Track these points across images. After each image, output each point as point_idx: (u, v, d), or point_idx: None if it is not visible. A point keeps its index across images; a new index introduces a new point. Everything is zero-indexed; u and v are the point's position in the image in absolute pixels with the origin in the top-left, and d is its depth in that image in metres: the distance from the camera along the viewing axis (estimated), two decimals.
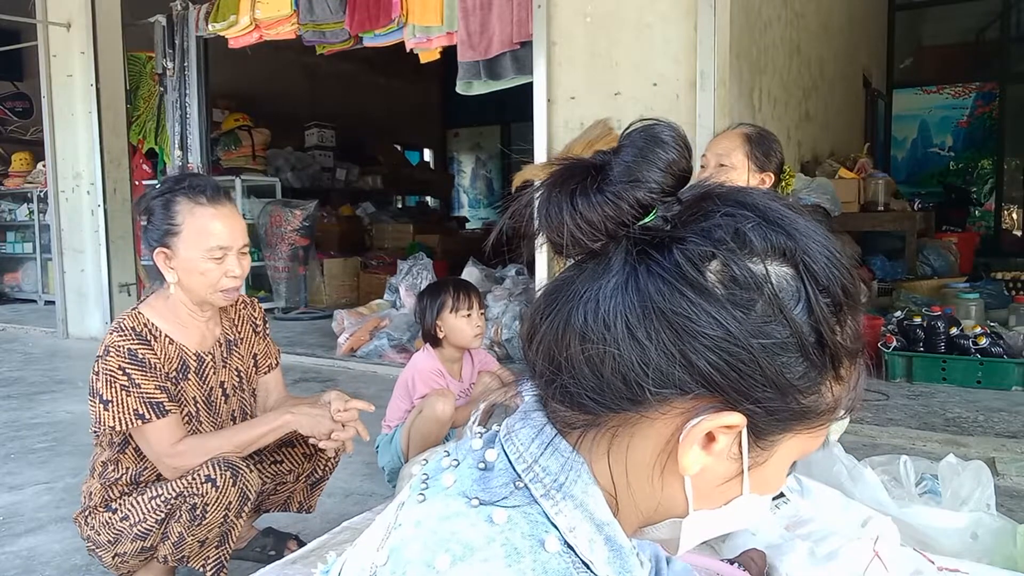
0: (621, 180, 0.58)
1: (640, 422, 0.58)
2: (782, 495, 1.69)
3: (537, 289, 0.57)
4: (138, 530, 1.69)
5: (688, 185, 0.61)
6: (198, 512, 1.64)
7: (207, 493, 1.63)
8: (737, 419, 0.56)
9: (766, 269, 0.55)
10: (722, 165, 2.21)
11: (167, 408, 1.68)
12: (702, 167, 2.30)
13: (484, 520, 0.58)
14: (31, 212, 7.97)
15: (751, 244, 0.55)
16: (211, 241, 1.70)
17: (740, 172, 2.20)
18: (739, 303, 0.54)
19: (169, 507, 1.67)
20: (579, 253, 0.60)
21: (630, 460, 0.60)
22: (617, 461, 0.60)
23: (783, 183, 2.29)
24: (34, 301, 7.98)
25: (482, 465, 0.62)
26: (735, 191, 0.59)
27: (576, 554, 0.58)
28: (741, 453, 0.59)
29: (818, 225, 0.58)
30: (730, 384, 0.55)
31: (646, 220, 0.58)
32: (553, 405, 0.62)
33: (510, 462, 0.61)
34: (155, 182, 6.32)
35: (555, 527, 0.58)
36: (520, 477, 0.60)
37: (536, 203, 0.61)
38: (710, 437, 0.57)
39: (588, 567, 0.58)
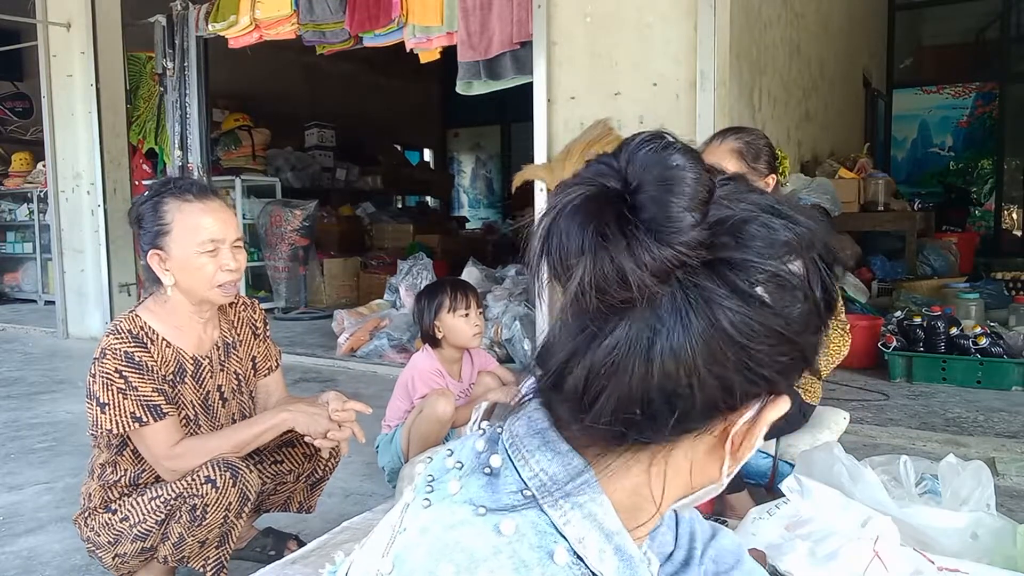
0: (665, 224, 0.54)
1: (692, 437, 0.59)
2: (782, 495, 1.69)
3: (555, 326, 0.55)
4: (138, 531, 1.69)
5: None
6: (198, 513, 1.64)
7: (207, 494, 1.63)
8: (784, 403, 0.60)
9: (802, 266, 0.57)
10: None
11: (164, 411, 1.68)
12: None
13: (491, 530, 0.57)
14: (31, 212, 7.97)
15: (782, 245, 0.57)
16: (201, 235, 1.70)
17: None
18: (788, 304, 0.56)
19: (169, 508, 1.67)
20: (600, 299, 0.55)
21: (676, 468, 0.61)
22: (657, 475, 0.61)
23: (780, 169, 2.26)
24: (34, 301, 7.98)
25: (487, 471, 0.62)
26: (749, 195, 0.59)
27: (586, 565, 0.57)
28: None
29: (812, 211, 0.60)
30: (783, 377, 0.58)
31: (695, 261, 0.55)
32: (575, 426, 0.60)
33: (515, 469, 0.60)
34: (155, 182, 6.32)
35: (564, 537, 0.57)
36: (527, 485, 0.59)
37: (545, 234, 0.57)
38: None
39: None
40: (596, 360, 0.56)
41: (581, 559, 0.57)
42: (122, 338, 1.69)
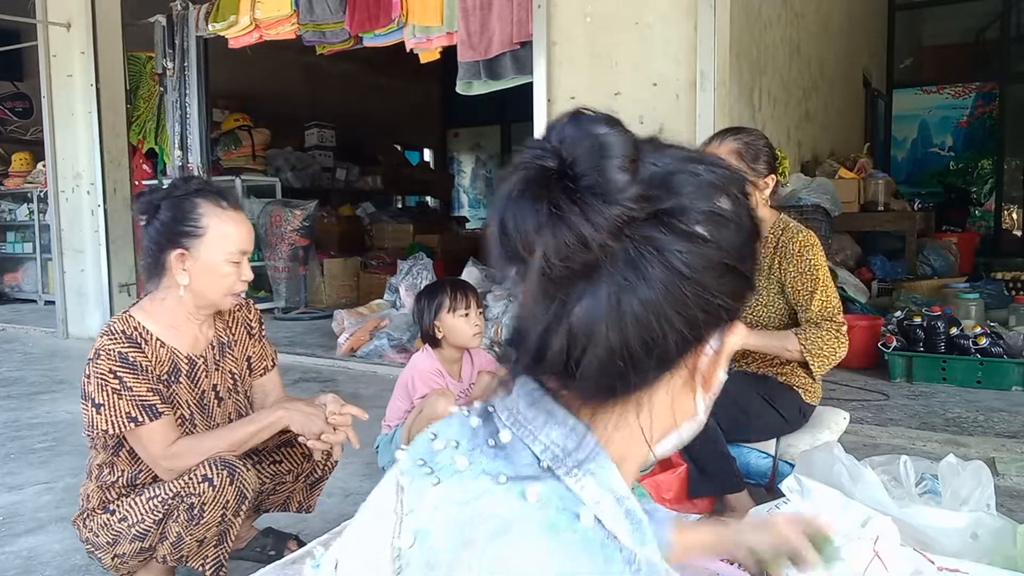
0: (605, 186, 0.60)
1: (671, 373, 0.65)
2: (782, 495, 1.69)
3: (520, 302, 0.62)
4: (136, 531, 1.69)
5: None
6: (196, 512, 1.64)
7: (204, 492, 1.63)
8: (740, 327, 0.67)
9: (725, 202, 0.64)
10: None
11: (160, 410, 1.68)
12: None
13: (516, 496, 0.60)
14: (31, 212, 7.97)
15: (709, 187, 0.63)
16: (233, 245, 1.73)
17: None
18: (725, 237, 0.62)
19: (167, 507, 1.67)
20: (565, 267, 0.59)
21: (660, 409, 0.67)
22: (645, 416, 0.66)
23: (780, 169, 2.27)
24: (34, 301, 7.99)
25: (493, 443, 0.65)
26: (668, 151, 0.66)
27: (603, 527, 0.60)
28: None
29: (721, 161, 0.67)
30: (734, 302, 0.65)
31: (640, 214, 0.60)
32: (565, 392, 0.64)
33: (525, 444, 0.64)
34: (155, 182, 6.32)
35: (583, 502, 0.60)
36: (540, 458, 0.62)
37: (499, 222, 0.62)
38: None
39: (615, 538, 0.60)
40: (573, 325, 0.60)
41: (599, 521, 0.60)
42: (116, 339, 1.68)
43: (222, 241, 1.71)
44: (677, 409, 0.68)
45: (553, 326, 0.61)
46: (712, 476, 2.07)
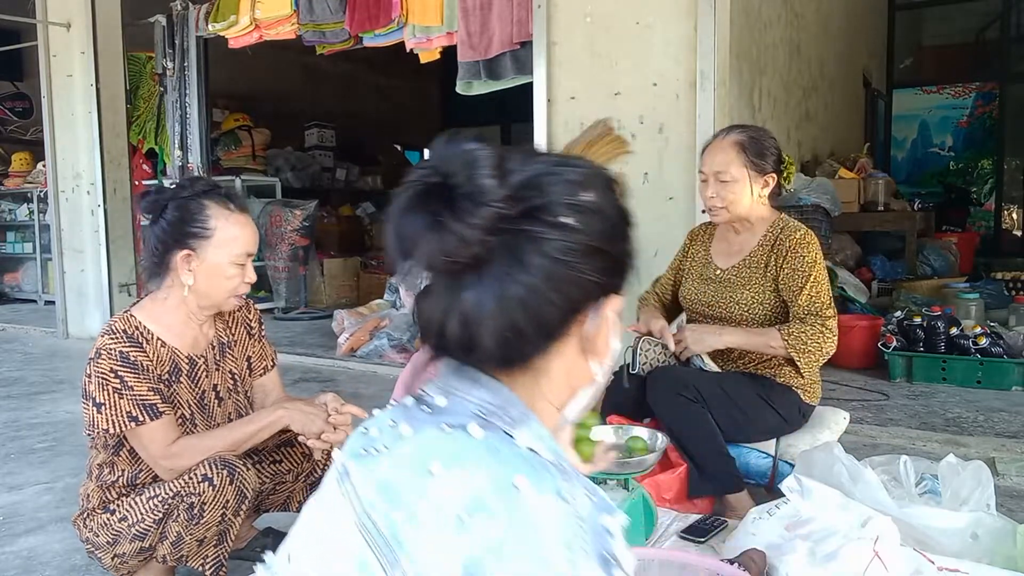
0: (476, 193, 0.70)
1: (559, 343, 0.76)
2: (782, 495, 1.69)
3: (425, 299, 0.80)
4: (136, 530, 1.69)
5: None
6: (196, 511, 1.64)
7: (204, 492, 1.63)
8: (618, 300, 0.79)
9: (591, 195, 0.75)
10: (723, 181, 2.17)
11: (160, 410, 1.68)
12: (703, 181, 2.23)
13: (462, 434, 0.71)
14: (31, 212, 7.97)
15: (574, 184, 0.74)
16: (239, 247, 1.74)
17: (742, 183, 2.16)
18: (591, 224, 0.74)
19: (167, 507, 1.67)
20: (449, 266, 0.71)
21: (558, 375, 0.78)
22: (557, 376, 0.78)
23: (785, 173, 2.26)
24: (34, 301, 7.99)
25: (429, 409, 0.76)
26: (538, 158, 0.77)
27: (538, 455, 0.72)
28: (613, 319, 0.80)
29: (591, 163, 0.79)
30: (608, 281, 0.77)
31: (510, 211, 0.71)
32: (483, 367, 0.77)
33: (461, 401, 0.75)
34: (155, 182, 6.32)
35: (531, 450, 0.72)
36: (477, 412, 0.74)
37: (394, 229, 0.73)
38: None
39: (567, 473, 0.71)
40: (466, 309, 0.72)
41: (548, 459, 0.72)
42: (117, 338, 1.69)
43: (229, 243, 1.72)
44: (574, 375, 0.80)
45: (449, 312, 0.73)
46: (712, 476, 2.07)
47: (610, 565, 0.68)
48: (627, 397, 2.23)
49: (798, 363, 2.11)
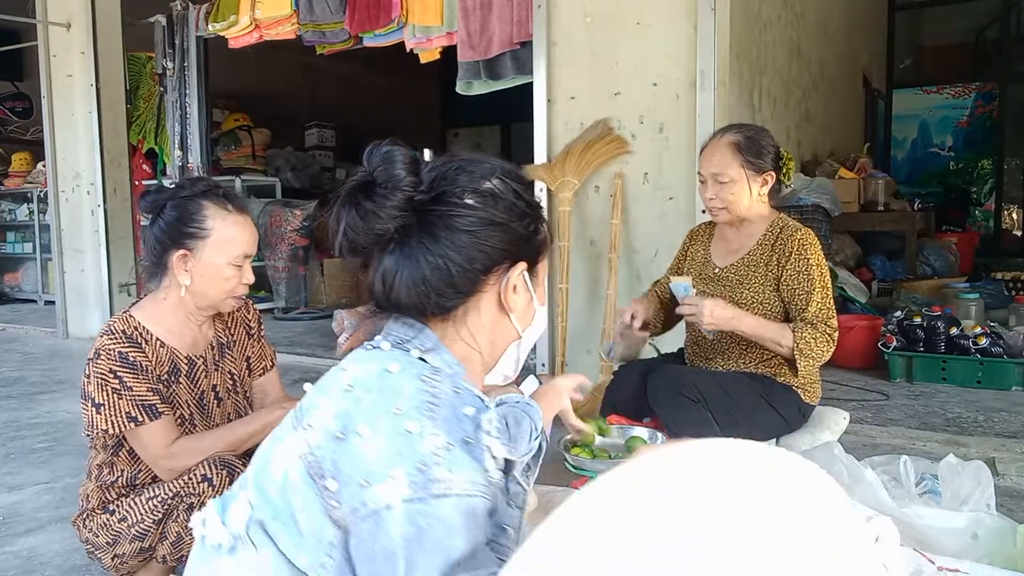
0: (391, 182, 0.94)
1: (473, 300, 0.99)
2: None
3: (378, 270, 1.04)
4: (136, 531, 1.69)
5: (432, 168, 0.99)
6: (195, 511, 1.64)
7: (204, 492, 1.63)
8: (523, 265, 1.01)
9: (491, 183, 0.98)
10: (721, 182, 2.16)
11: (160, 410, 1.68)
12: (701, 183, 2.23)
13: (376, 350, 0.97)
14: (31, 212, 7.97)
15: (475, 174, 0.98)
16: (237, 249, 1.73)
17: (741, 183, 2.16)
18: (490, 204, 0.97)
19: (166, 507, 1.67)
20: (376, 241, 0.96)
21: (475, 325, 1.01)
22: (474, 328, 1.01)
23: (784, 170, 2.26)
24: (34, 301, 7.99)
25: (370, 345, 1.00)
26: (452, 158, 1.00)
27: (435, 367, 0.94)
28: (527, 284, 1.03)
29: (499, 161, 1.02)
30: (511, 249, 0.99)
31: (417, 193, 0.95)
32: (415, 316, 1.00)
33: (388, 340, 0.98)
34: (155, 182, 6.32)
35: (421, 359, 0.95)
36: (392, 343, 0.98)
37: (334, 221, 0.96)
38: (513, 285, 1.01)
39: (441, 372, 0.94)
40: (386, 266, 0.98)
41: (432, 364, 0.95)
42: (116, 338, 1.69)
43: (226, 244, 1.71)
44: (497, 328, 1.03)
45: (375, 273, 0.99)
46: None
47: (472, 448, 0.86)
48: (627, 397, 2.23)
49: (799, 364, 2.10)
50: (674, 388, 2.07)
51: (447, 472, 0.82)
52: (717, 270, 2.29)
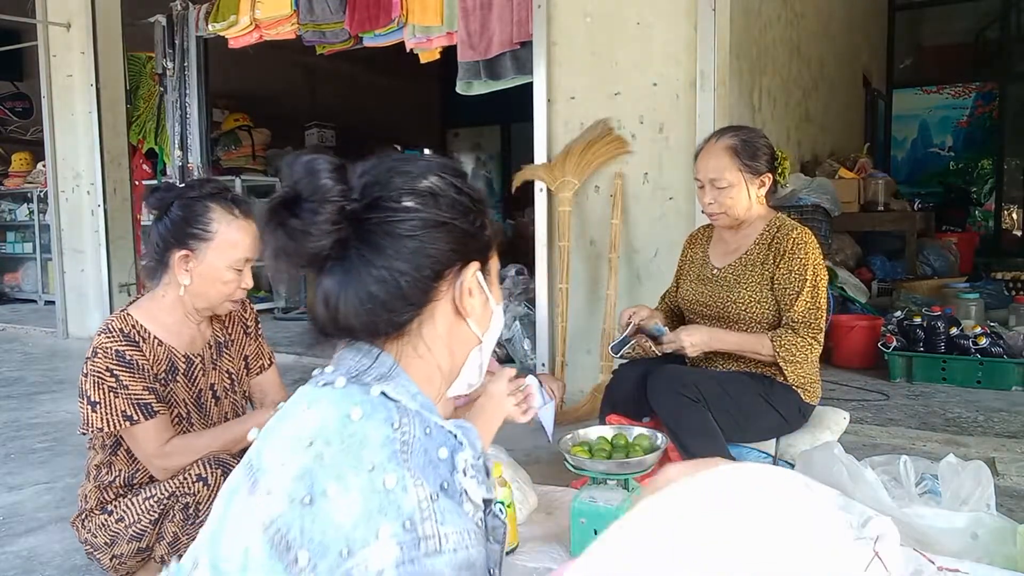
0: (317, 194, 0.84)
1: (427, 311, 0.90)
2: None
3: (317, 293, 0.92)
4: (133, 531, 1.69)
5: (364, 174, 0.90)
6: (191, 511, 1.64)
7: (199, 492, 1.63)
8: (475, 265, 0.93)
9: (429, 181, 0.90)
10: (719, 187, 2.16)
11: (155, 409, 1.68)
12: (699, 188, 2.23)
13: (327, 387, 0.86)
14: (31, 212, 7.96)
15: (410, 174, 0.89)
16: (239, 253, 1.73)
17: (738, 187, 2.16)
18: (430, 204, 0.89)
19: (162, 507, 1.67)
20: (312, 260, 0.86)
21: (431, 337, 0.92)
22: (430, 341, 0.92)
23: (780, 169, 2.26)
24: (34, 301, 7.99)
25: (321, 377, 0.89)
26: (384, 161, 0.91)
27: (391, 399, 0.84)
28: (481, 284, 0.95)
29: (434, 157, 0.94)
30: (460, 249, 0.91)
31: (349, 203, 0.85)
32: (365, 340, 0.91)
33: (340, 370, 0.88)
34: (155, 182, 6.31)
35: (383, 394, 0.85)
36: (348, 371, 0.87)
37: (267, 241, 0.86)
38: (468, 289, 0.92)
39: (399, 404, 0.84)
40: (327, 288, 0.87)
41: (395, 400, 0.84)
42: (113, 337, 1.69)
43: (228, 248, 1.72)
44: (454, 336, 0.94)
45: (316, 296, 0.88)
46: None
47: (451, 492, 0.79)
48: (627, 396, 2.23)
49: (785, 371, 2.13)
50: (674, 388, 2.07)
51: (436, 527, 0.74)
52: (715, 271, 2.29)
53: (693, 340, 2.16)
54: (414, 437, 0.81)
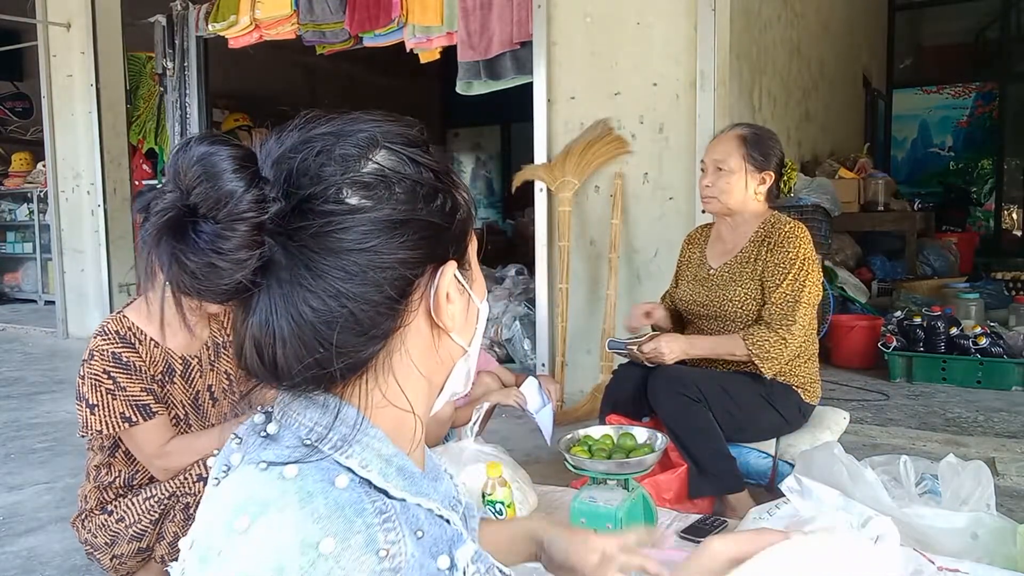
0: (221, 206, 0.59)
1: (394, 339, 0.66)
2: (782, 495, 1.69)
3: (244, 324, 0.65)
4: (134, 531, 1.69)
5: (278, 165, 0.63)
6: (192, 511, 1.64)
7: (200, 492, 1.63)
8: (452, 265, 0.68)
9: (375, 161, 0.64)
10: (719, 170, 2.19)
11: (154, 410, 1.68)
12: (702, 171, 2.27)
13: (276, 477, 0.60)
14: (31, 212, 7.96)
15: (349, 157, 0.63)
16: None
17: (739, 175, 2.18)
18: (383, 195, 0.63)
19: (163, 507, 1.67)
20: (229, 297, 0.61)
21: (404, 370, 0.68)
22: (402, 373, 0.68)
23: (785, 177, 2.28)
24: (34, 301, 7.98)
25: (264, 434, 0.66)
26: (293, 136, 0.65)
27: (372, 486, 0.63)
28: (461, 284, 0.71)
29: (366, 114, 0.68)
30: (430, 249, 0.66)
31: (269, 214, 0.60)
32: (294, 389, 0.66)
33: (291, 429, 0.65)
34: (155, 182, 6.31)
35: (347, 469, 0.62)
36: (304, 438, 0.63)
37: (160, 269, 0.62)
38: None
39: (385, 493, 0.63)
40: (255, 333, 0.63)
41: (367, 480, 0.62)
42: (109, 339, 1.69)
43: None
44: (431, 360, 0.71)
45: (242, 337, 0.64)
46: (714, 476, 2.07)
47: None
48: (627, 396, 2.24)
49: (761, 368, 2.12)
50: (675, 388, 2.07)
51: None
52: (711, 271, 2.30)
53: (671, 348, 2.17)
54: (407, 558, 0.61)
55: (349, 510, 0.59)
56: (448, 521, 0.69)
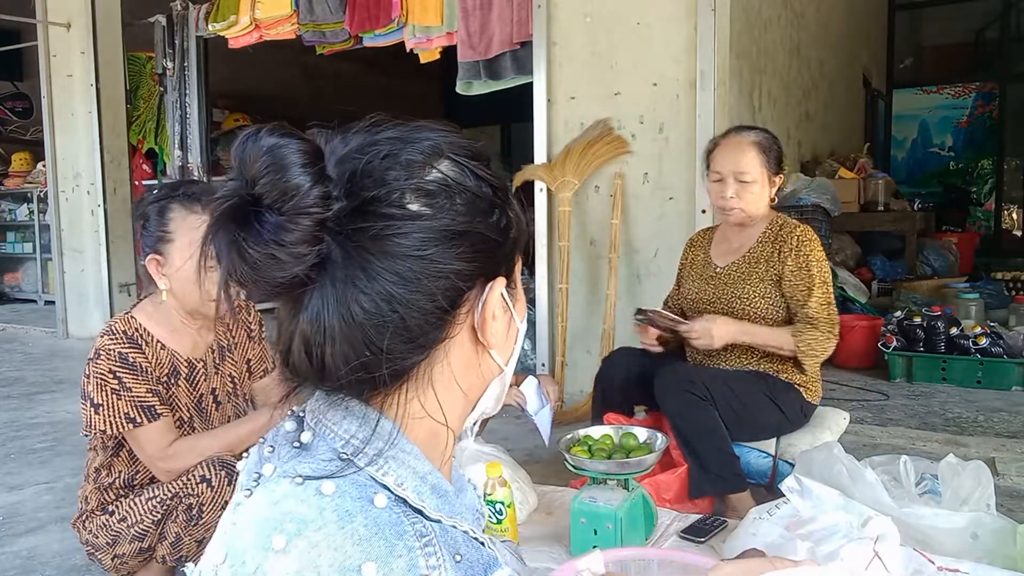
0: (287, 199, 0.59)
1: (438, 350, 0.66)
2: (782, 495, 1.69)
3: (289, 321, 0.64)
4: (135, 531, 1.69)
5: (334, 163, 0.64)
6: (194, 512, 1.64)
7: (203, 493, 1.63)
8: (501, 282, 0.68)
9: (440, 170, 0.64)
10: (743, 182, 2.16)
11: (159, 411, 1.67)
12: (717, 181, 2.21)
13: (313, 493, 0.59)
14: (31, 212, 7.96)
15: (414, 164, 0.63)
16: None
17: (761, 184, 2.18)
18: (444, 205, 0.63)
19: (165, 507, 1.67)
20: (280, 292, 0.62)
21: (444, 383, 0.68)
22: (441, 387, 0.68)
23: (783, 172, 2.30)
24: (34, 301, 7.99)
25: (297, 444, 0.65)
26: (359, 137, 0.66)
27: (408, 505, 0.62)
28: (507, 303, 0.70)
29: (431, 123, 0.68)
30: (483, 264, 0.66)
31: (332, 212, 0.60)
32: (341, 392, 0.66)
33: (325, 440, 0.64)
34: (155, 182, 6.32)
35: (383, 486, 0.62)
36: (340, 451, 0.63)
37: (218, 256, 0.61)
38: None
39: (420, 513, 0.62)
40: (304, 329, 0.62)
41: (402, 500, 0.62)
42: (116, 339, 1.68)
43: (190, 247, 1.66)
44: (465, 379, 0.70)
45: (291, 335, 0.64)
46: (717, 476, 2.07)
47: None
48: (618, 384, 2.27)
49: (804, 364, 2.15)
50: (683, 386, 2.08)
51: None
52: (718, 270, 2.30)
53: (721, 332, 2.14)
54: None
55: (390, 532, 0.58)
56: (483, 544, 0.68)
